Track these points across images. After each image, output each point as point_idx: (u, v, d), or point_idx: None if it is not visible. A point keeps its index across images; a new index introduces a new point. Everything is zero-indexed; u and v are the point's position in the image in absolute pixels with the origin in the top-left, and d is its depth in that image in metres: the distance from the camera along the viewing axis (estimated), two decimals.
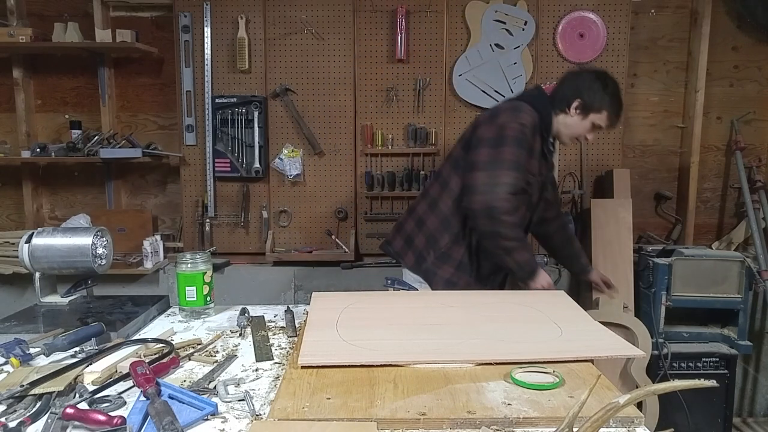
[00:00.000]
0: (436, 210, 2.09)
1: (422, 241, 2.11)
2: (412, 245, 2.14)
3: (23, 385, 1.12)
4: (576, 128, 2.09)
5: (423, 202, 2.17)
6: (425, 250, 2.10)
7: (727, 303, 2.77)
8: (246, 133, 3.05)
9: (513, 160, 1.90)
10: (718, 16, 3.11)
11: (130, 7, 3.14)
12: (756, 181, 3.10)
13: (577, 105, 2.06)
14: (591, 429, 0.81)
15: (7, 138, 3.22)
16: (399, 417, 0.99)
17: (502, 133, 1.92)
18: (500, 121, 1.95)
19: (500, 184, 1.88)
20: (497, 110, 2.03)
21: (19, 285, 3.00)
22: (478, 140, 1.97)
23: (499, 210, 1.88)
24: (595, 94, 2.04)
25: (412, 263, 2.12)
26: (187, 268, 1.65)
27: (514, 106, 2.01)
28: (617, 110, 2.09)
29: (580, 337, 1.34)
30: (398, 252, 2.19)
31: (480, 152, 1.94)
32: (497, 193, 1.88)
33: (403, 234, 2.20)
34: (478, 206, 1.90)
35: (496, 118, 1.98)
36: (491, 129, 1.95)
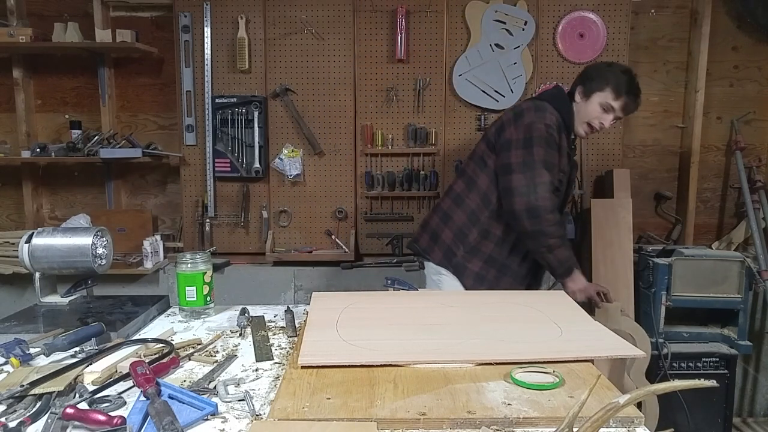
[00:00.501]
0: (463, 205, 2.11)
1: (449, 235, 2.12)
2: (439, 240, 2.15)
3: (23, 385, 1.12)
4: (584, 113, 2.09)
5: (447, 198, 2.20)
6: (454, 245, 2.12)
7: (727, 303, 2.77)
8: (246, 133, 3.05)
9: (545, 159, 1.95)
10: (718, 16, 3.11)
11: (130, 7, 3.14)
12: (756, 181, 3.10)
13: (580, 90, 2.10)
14: (591, 429, 0.81)
15: (7, 138, 3.23)
16: (399, 417, 0.99)
17: (530, 134, 1.95)
18: (526, 121, 1.97)
19: (538, 183, 1.92)
20: (521, 110, 2.04)
21: (19, 285, 3.00)
22: (506, 142, 1.99)
23: (541, 209, 1.92)
24: (596, 71, 2.08)
25: (440, 258, 2.13)
26: (187, 268, 1.65)
27: (537, 105, 2.02)
28: (625, 86, 2.05)
29: (580, 337, 1.34)
30: (425, 248, 2.21)
31: (512, 154, 1.97)
32: (538, 192, 1.92)
33: (428, 230, 2.23)
34: (521, 207, 1.93)
35: (521, 118, 1.99)
36: (518, 130, 1.97)
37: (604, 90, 2.04)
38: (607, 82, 2.04)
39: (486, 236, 2.09)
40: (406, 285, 1.94)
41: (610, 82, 2.04)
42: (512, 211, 1.96)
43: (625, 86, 2.05)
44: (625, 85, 2.05)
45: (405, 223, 3.16)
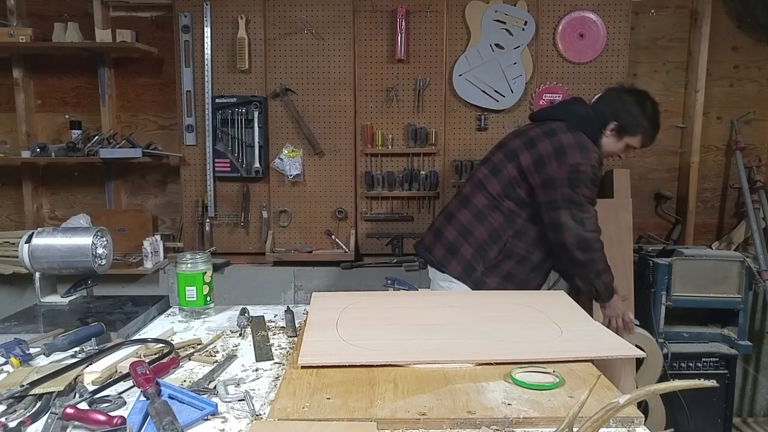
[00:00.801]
0: (485, 222, 2.09)
1: (470, 251, 2.09)
2: (458, 254, 2.11)
3: (23, 385, 1.12)
4: (609, 148, 2.16)
5: (465, 210, 2.13)
6: (474, 260, 2.09)
7: (727, 303, 2.78)
8: (246, 133, 3.05)
9: (590, 197, 2.02)
10: (718, 16, 3.11)
11: (130, 7, 3.14)
12: (756, 181, 3.10)
13: (613, 127, 2.12)
14: (591, 429, 0.81)
15: (7, 138, 3.22)
16: (399, 417, 0.99)
17: (576, 175, 1.98)
18: (570, 161, 1.98)
19: (585, 218, 2.00)
20: (562, 146, 2.01)
21: (19, 285, 3.00)
22: (550, 180, 2.00)
23: (591, 240, 2.01)
24: (632, 118, 2.10)
25: (459, 272, 2.09)
26: (187, 268, 1.65)
27: (580, 143, 2.01)
28: (653, 134, 2.15)
29: (580, 337, 1.34)
30: (440, 260, 2.15)
31: (557, 192, 1.99)
32: (586, 226, 2.00)
33: (443, 241, 2.16)
34: (572, 240, 1.99)
35: (564, 156, 1.99)
36: (562, 168, 1.98)
37: (635, 135, 2.13)
38: (641, 130, 2.12)
39: (508, 255, 2.09)
40: (406, 285, 1.94)
41: (644, 131, 2.13)
42: (563, 244, 2.01)
43: (653, 134, 2.16)
44: (653, 132, 2.16)
45: (405, 223, 3.16)
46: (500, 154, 2.15)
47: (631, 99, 2.12)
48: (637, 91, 2.19)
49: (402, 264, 3.04)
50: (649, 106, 2.13)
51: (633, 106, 2.10)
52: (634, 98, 2.12)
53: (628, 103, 2.11)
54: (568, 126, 2.06)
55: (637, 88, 2.29)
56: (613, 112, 2.11)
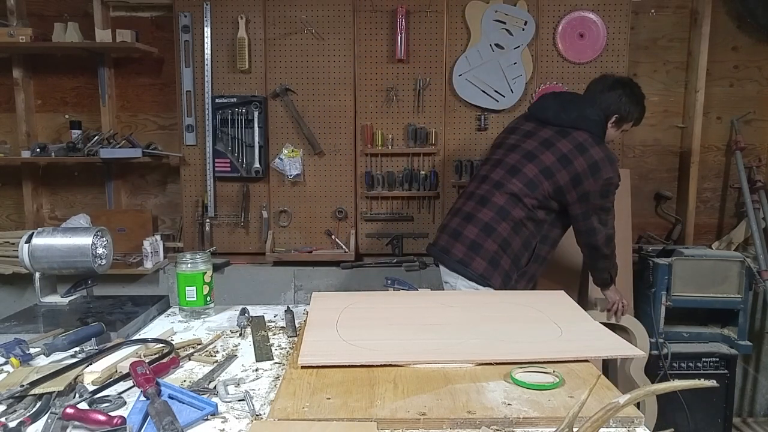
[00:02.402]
0: (521, 233, 2.16)
1: (508, 262, 2.15)
2: (499, 266, 2.13)
3: (23, 385, 1.12)
4: (610, 137, 2.37)
5: (504, 223, 2.13)
6: (511, 271, 2.16)
7: (727, 303, 2.78)
8: (246, 133, 3.05)
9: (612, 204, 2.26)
10: (718, 16, 3.11)
11: (130, 7, 3.14)
12: (756, 181, 3.10)
13: (614, 120, 2.31)
14: (591, 429, 0.81)
15: (7, 138, 3.23)
16: (399, 417, 0.99)
17: (608, 187, 2.19)
18: (605, 176, 2.15)
19: (609, 219, 2.27)
20: (595, 163, 2.14)
21: (19, 285, 3.00)
22: (586, 193, 2.16)
23: (613, 236, 2.29)
24: (629, 108, 2.31)
25: (499, 284, 2.12)
26: (187, 268, 1.65)
27: (608, 156, 2.18)
28: (642, 115, 2.39)
29: (580, 337, 1.34)
30: (483, 274, 2.11)
31: (591, 204, 2.18)
32: (609, 227, 2.27)
33: (485, 255, 2.12)
34: (602, 241, 2.25)
35: (599, 172, 2.14)
36: (597, 183, 2.15)
37: (630, 121, 2.35)
38: (635, 116, 2.35)
39: (536, 260, 2.23)
40: (406, 285, 1.94)
41: (637, 116, 2.36)
42: (595, 246, 2.26)
43: (642, 114, 2.39)
44: (643, 113, 2.39)
45: (405, 223, 3.16)
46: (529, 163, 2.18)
47: (625, 91, 2.31)
48: (625, 82, 2.37)
49: (402, 264, 3.04)
50: (638, 93, 2.35)
51: (628, 97, 2.30)
52: (627, 90, 2.32)
53: (623, 95, 2.30)
54: (593, 139, 2.19)
55: (622, 77, 2.46)
56: (612, 106, 2.29)
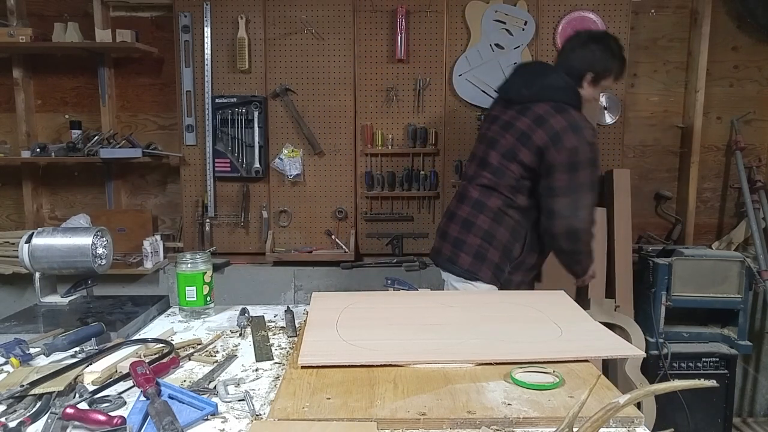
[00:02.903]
0: (504, 222, 2.07)
1: (496, 254, 2.07)
2: (485, 260, 2.08)
3: (23, 385, 1.12)
4: (589, 96, 2.17)
5: (482, 215, 2.09)
6: (502, 263, 2.08)
7: (727, 303, 2.77)
8: (246, 133, 3.05)
9: (589, 182, 1.98)
10: (718, 16, 3.11)
11: (130, 7, 3.14)
12: (756, 181, 3.10)
13: (590, 78, 2.13)
14: (591, 429, 0.81)
15: (7, 138, 3.23)
16: (399, 417, 0.99)
17: (574, 158, 1.96)
18: (568, 145, 1.96)
19: (581, 207, 1.97)
20: (556, 133, 1.97)
21: (19, 285, 3.00)
22: (550, 167, 1.98)
23: (580, 231, 2.01)
24: (605, 63, 2.12)
25: (489, 277, 2.07)
26: (187, 268, 1.65)
27: (571, 123, 1.98)
28: (623, 68, 2.20)
29: (580, 337, 1.34)
30: (469, 269, 2.09)
31: (556, 178, 1.97)
32: (579, 216, 1.97)
33: (469, 250, 2.10)
34: (561, 230, 1.99)
35: (561, 141, 1.96)
36: (561, 154, 1.96)
37: (609, 77, 2.15)
38: (614, 70, 2.15)
39: (530, 249, 2.12)
40: (406, 285, 1.94)
41: (616, 70, 2.16)
42: (552, 233, 2.02)
43: (623, 67, 2.19)
44: (623, 66, 2.19)
45: (405, 223, 3.16)
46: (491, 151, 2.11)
47: (599, 46, 2.13)
48: (599, 36, 2.21)
49: (402, 264, 3.04)
50: (614, 45, 2.16)
51: (602, 52, 2.13)
52: (601, 44, 2.14)
53: (597, 50, 2.12)
54: (554, 107, 2.02)
55: (597, 32, 2.34)
56: (586, 64, 2.12)
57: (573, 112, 2.02)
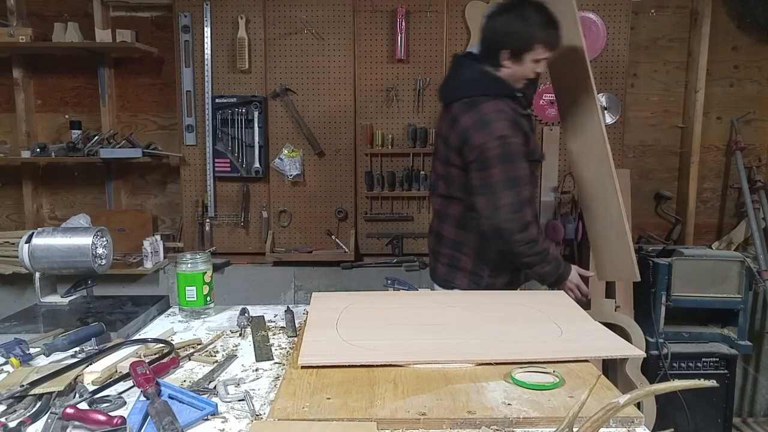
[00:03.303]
0: (470, 227, 1.97)
1: (469, 261, 2.00)
2: (459, 268, 2.02)
3: (23, 385, 1.12)
4: (519, 74, 1.93)
5: (446, 225, 2.04)
6: (478, 269, 1.99)
7: (727, 303, 2.78)
8: (246, 133, 3.05)
9: (503, 179, 1.83)
10: (718, 16, 3.11)
11: (130, 7, 3.14)
12: (756, 181, 3.10)
13: (507, 55, 1.89)
14: (591, 429, 0.81)
15: (7, 138, 3.23)
16: (399, 417, 0.99)
17: (483, 156, 1.83)
18: (475, 142, 1.83)
19: (499, 206, 1.83)
20: (465, 130, 1.86)
21: (19, 285, 3.00)
22: (467, 164, 1.89)
23: (506, 231, 1.85)
24: (520, 35, 1.86)
25: (466, 284, 2.00)
26: (187, 268, 1.65)
27: (478, 120, 1.84)
28: (551, 34, 1.89)
29: (580, 337, 1.34)
30: (445, 278, 2.06)
31: (472, 176, 1.88)
32: (500, 215, 1.84)
33: (443, 260, 2.07)
34: (488, 229, 1.88)
35: (469, 139, 1.85)
36: (472, 153, 1.85)
37: (535, 49, 1.87)
38: (534, 40, 1.86)
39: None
40: (406, 285, 1.94)
41: (539, 39, 1.86)
42: (483, 231, 1.90)
43: (552, 38, 1.89)
44: (552, 36, 1.89)
45: (405, 223, 3.16)
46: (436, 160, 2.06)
47: (509, 16, 1.88)
48: (510, 5, 1.91)
49: (402, 264, 3.04)
50: (530, 11, 1.87)
51: (514, 22, 1.87)
52: (511, 14, 1.88)
53: (508, 22, 1.88)
54: (465, 104, 1.89)
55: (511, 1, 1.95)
56: (498, 42, 1.89)
57: (483, 106, 1.85)
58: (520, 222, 1.85)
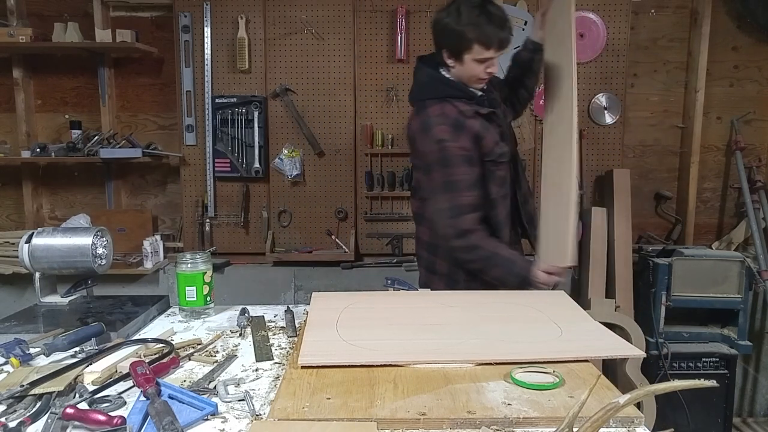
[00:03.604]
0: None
1: (444, 265, 1.95)
2: (436, 272, 1.99)
3: (23, 385, 1.12)
4: (464, 74, 1.85)
5: (422, 227, 2.02)
6: (453, 273, 1.94)
7: (727, 303, 2.78)
8: (246, 133, 3.05)
9: (441, 183, 1.82)
10: (718, 16, 3.11)
11: (130, 7, 3.14)
12: (756, 181, 3.10)
13: (447, 55, 1.84)
14: (591, 429, 0.81)
15: (7, 138, 3.23)
16: (399, 417, 0.99)
17: (425, 161, 1.84)
18: (420, 148, 1.85)
19: (438, 210, 1.84)
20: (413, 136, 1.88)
21: (19, 285, 3.00)
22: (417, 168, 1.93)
23: (446, 237, 1.85)
24: (452, 34, 1.79)
25: (442, 288, 1.96)
26: (187, 268, 1.65)
27: (421, 124, 1.84)
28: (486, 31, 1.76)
29: (580, 337, 1.34)
30: (425, 282, 2.02)
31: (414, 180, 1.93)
32: (438, 221, 1.85)
33: (422, 263, 2.05)
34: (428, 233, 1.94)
35: (415, 145, 1.86)
36: (417, 159, 1.89)
37: (472, 49, 1.77)
38: (471, 38, 1.76)
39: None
40: (406, 285, 1.94)
41: (472, 38, 1.76)
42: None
43: (491, 35, 1.76)
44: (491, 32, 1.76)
45: (405, 223, 3.16)
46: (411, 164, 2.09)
47: (443, 16, 1.81)
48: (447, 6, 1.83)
49: (402, 264, 3.04)
50: (466, 9, 1.77)
51: (446, 22, 1.79)
52: (444, 14, 1.81)
53: (442, 23, 1.81)
54: (416, 109, 1.90)
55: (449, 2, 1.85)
56: (438, 42, 1.86)
57: (429, 110, 1.84)
58: (457, 228, 1.82)
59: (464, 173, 1.81)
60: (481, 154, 1.85)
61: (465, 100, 1.87)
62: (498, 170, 1.90)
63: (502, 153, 1.89)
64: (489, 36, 1.75)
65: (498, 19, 1.77)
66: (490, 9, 1.77)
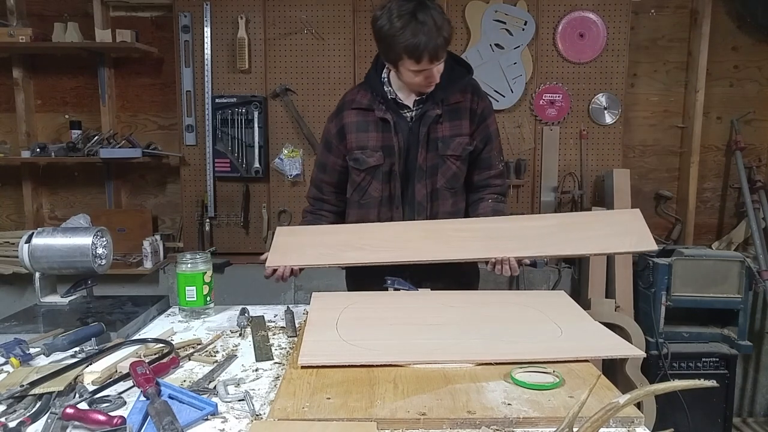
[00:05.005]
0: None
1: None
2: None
3: (23, 385, 1.12)
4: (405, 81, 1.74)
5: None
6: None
7: (727, 303, 2.77)
8: (246, 133, 3.05)
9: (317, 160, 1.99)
10: (718, 16, 3.11)
11: (130, 7, 3.14)
12: (756, 181, 3.10)
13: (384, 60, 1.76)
14: (591, 429, 0.81)
15: (7, 138, 3.22)
16: (399, 417, 0.99)
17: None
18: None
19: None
20: None
21: (19, 285, 3.00)
22: None
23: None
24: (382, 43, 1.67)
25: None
26: (187, 268, 1.65)
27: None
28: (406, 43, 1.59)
29: (580, 337, 1.34)
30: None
31: None
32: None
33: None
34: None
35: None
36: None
37: (402, 60, 1.64)
38: (397, 52, 1.62)
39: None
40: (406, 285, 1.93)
41: (401, 51, 1.62)
42: None
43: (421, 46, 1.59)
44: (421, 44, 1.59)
45: None
46: None
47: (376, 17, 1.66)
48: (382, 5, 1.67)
49: None
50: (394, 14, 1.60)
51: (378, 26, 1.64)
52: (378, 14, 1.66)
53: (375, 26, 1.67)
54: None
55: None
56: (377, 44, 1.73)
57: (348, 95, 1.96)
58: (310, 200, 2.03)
59: (321, 154, 1.96)
60: (346, 149, 1.88)
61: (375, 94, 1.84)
62: (355, 175, 1.86)
63: (360, 160, 1.82)
64: (419, 48, 1.59)
65: (429, 28, 1.59)
66: (421, 16, 1.59)
